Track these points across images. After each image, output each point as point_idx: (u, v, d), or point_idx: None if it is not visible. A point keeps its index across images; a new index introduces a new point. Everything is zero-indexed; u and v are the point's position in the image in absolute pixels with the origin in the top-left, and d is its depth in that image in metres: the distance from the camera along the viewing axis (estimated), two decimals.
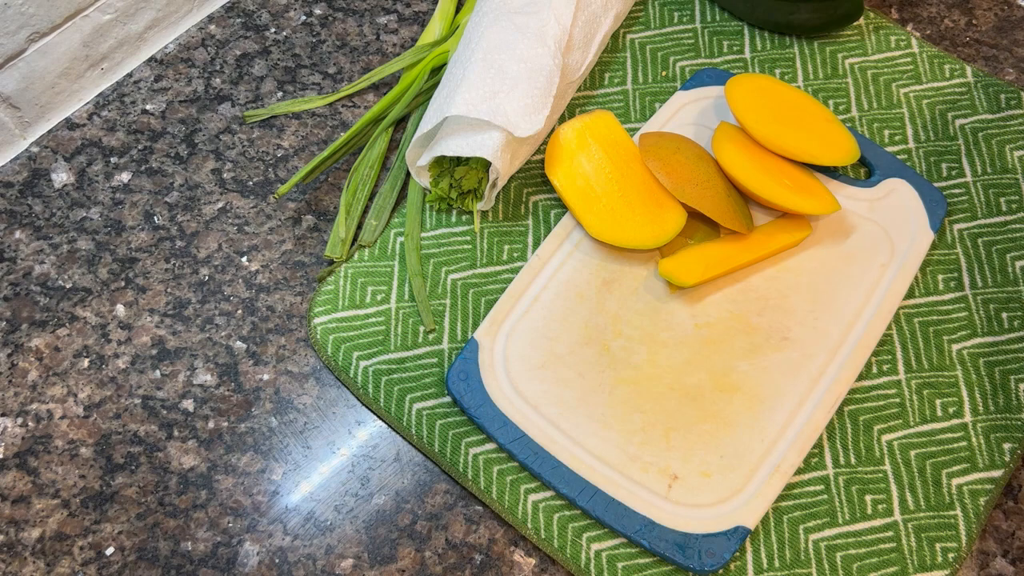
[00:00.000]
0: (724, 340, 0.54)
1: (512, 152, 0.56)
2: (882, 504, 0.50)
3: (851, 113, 0.64)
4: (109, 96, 0.64)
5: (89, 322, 0.55)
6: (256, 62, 0.66)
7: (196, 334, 0.55)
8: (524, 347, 0.53)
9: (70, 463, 0.51)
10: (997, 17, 0.69)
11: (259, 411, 0.53)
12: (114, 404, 0.53)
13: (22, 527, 0.49)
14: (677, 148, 0.57)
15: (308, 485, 0.51)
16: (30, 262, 0.57)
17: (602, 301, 0.55)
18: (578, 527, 0.49)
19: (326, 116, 0.64)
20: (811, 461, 0.51)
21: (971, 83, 0.65)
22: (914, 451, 0.51)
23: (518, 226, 0.59)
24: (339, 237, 0.57)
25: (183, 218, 0.59)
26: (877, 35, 0.67)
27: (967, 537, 0.49)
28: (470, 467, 0.51)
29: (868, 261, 0.56)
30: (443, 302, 0.56)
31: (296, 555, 0.49)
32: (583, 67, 0.62)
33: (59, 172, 0.61)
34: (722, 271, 0.54)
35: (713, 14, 0.69)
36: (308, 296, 0.57)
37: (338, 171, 0.62)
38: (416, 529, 0.50)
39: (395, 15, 0.69)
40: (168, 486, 0.51)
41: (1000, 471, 0.51)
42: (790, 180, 0.57)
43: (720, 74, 0.65)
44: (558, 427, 0.51)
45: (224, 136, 0.63)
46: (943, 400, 0.53)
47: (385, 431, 0.53)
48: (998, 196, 0.60)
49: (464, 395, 0.51)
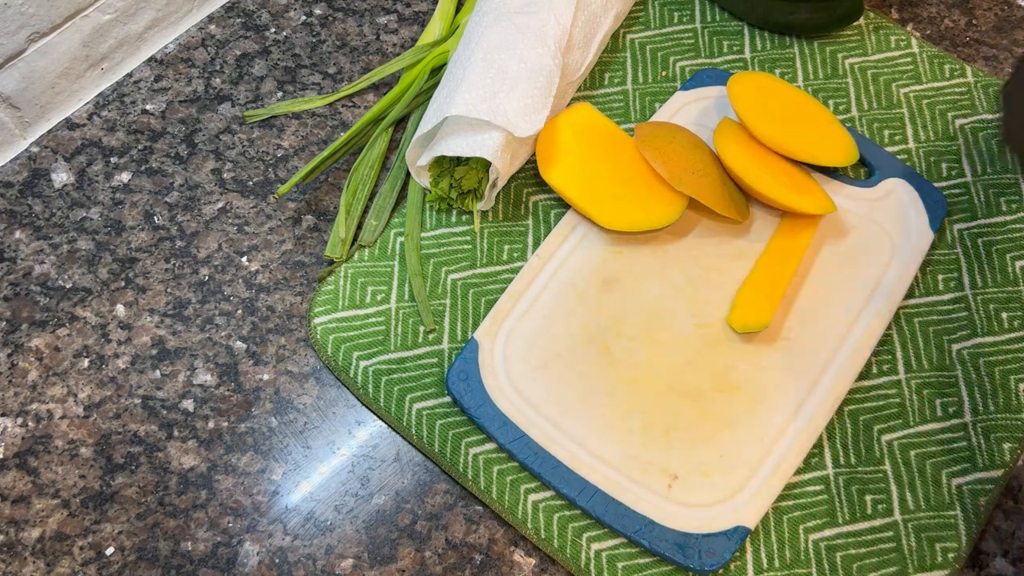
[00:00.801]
0: (724, 340, 0.54)
1: (512, 152, 0.56)
2: (882, 504, 0.50)
3: (851, 113, 0.64)
4: (109, 96, 0.64)
5: (89, 322, 0.55)
6: (256, 62, 0.66)
7: (196, 334, 0.55)
8: (524, 347, 0.53)
9: (70, 463, 0.51)
10: (997, 17, 0.69)
11: (259, 411, 0.53)
12: (114, 404, 0.53)
13: (22, 527, 0.49)
14: (673, 137, 0.57)
15: (308, 485, 0.51)
16: (30, 262, 0.57)
17: (602, 301, 0.55)
18: (578, 527, 0.49)
19: (326, 116, 0.64)
20: (811, 461, 0.51)
21: (971, 83, 0.65)
22: (914, 451, 0.51)
23: (518, 226, 0.59)
24: (339, 237, 0.57)
25: (183, 218, 0.59)
26: (877, 35, 0.67)
27: (967, 537, 0.49)
28: (470, 467, 0.51)
29: (868, 261, 0.56)
30: (443, 302, 0.56)
31: (296, 555, 0.49)
32: (583, 67, 0.62)
33: (59, 172, 0.61)
34: (783, 289, 0.54)
35: (713, 14, 0.69)
36: (308, 296, 0.57)
37: (338, 171, 0.62)
38: (416, 529, 0.50)
39: (395, 15, 0.69)
40: (168, 486, 0.51)
41: (1000, 471, 0.51)
42: (788, 179, 0.57)
43: (720, 74, 0.65)
44: (558, 427, 0.51)
45: (224, 136, 0.63)
46: (943, 400, 0.53)
47: (385, 431, 0.53)
48: (998, 196, 0.60)
49: (464, 395, 0.51)
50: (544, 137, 0.59)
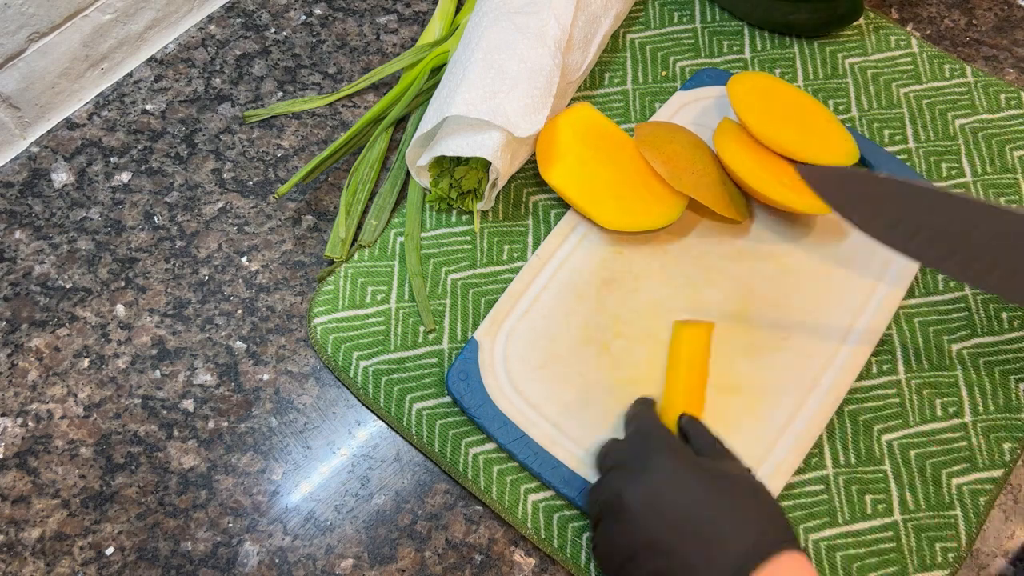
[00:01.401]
0: (724, 340, 0.54)
1: (512, 152, 0.56)
2: (882, 504, 0.50)
3: (851, 113, 0.64)
4: (109, 96, 0.64)
5: (89, 322, 0.55)
6: (256, 62, 0.66)
7: (196, 334, 0.55)
8: (524, 347, 0.53)
9: (70, 463, 0.51)
10: (997, 17, 0.69)
11: (259, 411, 0.53)
12: (114, 404, 0.53)
13: (22, 527, 0.49)
14: (673, 137, 0.57)
15: (308, 485, 0.51)
16: (30, 262, 0.57)
17: (602, 301, 0.55)
18: (578, 527, 0.49)
19: (326, 116, 0.64)
20: (811, 461, 0.51)
21: (971, 83, 0.65)
22: (914, 451, 0.51)
23: (518, 226, 0.59)
24: (339, 237, 0.57)
25: (183, 218, 0.59)
26: (877, 35, 0.67)
27: (967, 537, 0.49)
28: (470, 467, 0.51)
29: (868, 261, 0.56)
30: (443, 302, 0.56)
31: (296, 555, 0.49)
32: (583, 67, 0.62)
33: (59, 172, 0.61)
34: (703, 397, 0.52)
35: (713, 14, 0.69)
36: (308, 296, 0.57)
37: (338, 171, 0.62)
38: (416, 529, 0.50)
39: (395, 15, 0.69)
40: (168, 486, 0.51)
41: (1000, 471, 0.51)
42: (790, 179, 0.57)
43: (720, 74, 0.65)
44: (558, 427, 0.51)
45: (224, 136, 0.63)
46: (943, 400, 0.53)
47: (385, 431, 0.53)
48: (998, 196, 0.60)
49: (464, 395, 0.51)
50: (544, 137, 0.59)
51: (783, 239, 0.57)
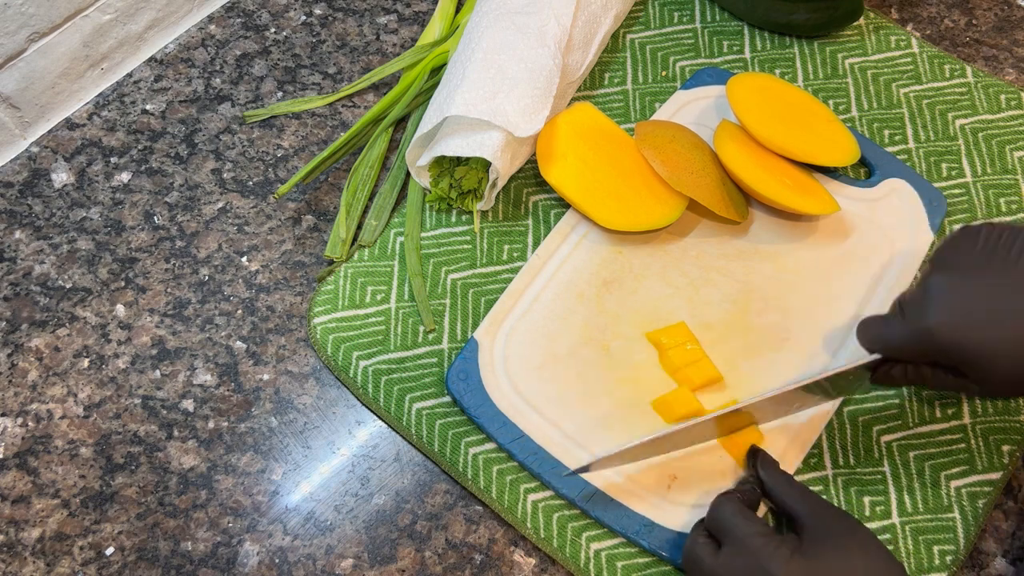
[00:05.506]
0: (724, 340, 0.54)
1: (512, 152, 0.56)
2: (880, 506, 0.50)
3: (851, 113, 0.64)
4: (109, 96, 0.64)
5: (89, 322, 0.55)
6: (256, 62, 0.66)
7: (196, 334, 0.55)
8: (524, 347, 0.53)
9: (70, 463, 0.51)
10: (997, 17, 0.69)
11: (259, 411, 0.53)
12: (114, 404, 0.53)
13: (22, 527, 0.49)
14: (673, 137, 0.57)
15: (308, 485, 0.51)
16: (30, 262, 0.57)
17: (602, 301, 0.55)
18: (577, 527, 0.49)
19: (326, 116, 0.64)
20: (810, 461, 0.51)
21: (971, 83, 0.65)
22: (913, 452, 0.51)
23: (518, 226, 0.59)
24: (339, 237, 0.57)
25: (183, 218, 0.59)
26: (877, 35, 0.67)
27: (965, 540, 0.49)
28: (470, 467, 0.51)
29: (868, 261, 0.56)
30: (443, 302, 0.56)
31: (296, 555, 0.49)
32: (583, 67, 0.62)
33: (59, 172, 0.61)
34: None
35: (713, 14, 0.69)
36: (308, 296, 0.57)
37: (338, 171, 0.62)
38: (416, 529, 0.50)
39: (395, 15, 0.69)
40: (168, 486, 0.51)
41: (998, 473, 0.51)
42: (790, 179, 0.57)
43: (720, 74, 0.65)
44: (558, 427, 0.51)
45: (224, 136, 0.63)
46: (942, 401, 0.53)
47: (385, 431, 0.53)
48: (998, 196, 0.60)
49: (464, 395, 0.51)
50: (544, 137, 0.59)
51: (783, 239, 0.57)
